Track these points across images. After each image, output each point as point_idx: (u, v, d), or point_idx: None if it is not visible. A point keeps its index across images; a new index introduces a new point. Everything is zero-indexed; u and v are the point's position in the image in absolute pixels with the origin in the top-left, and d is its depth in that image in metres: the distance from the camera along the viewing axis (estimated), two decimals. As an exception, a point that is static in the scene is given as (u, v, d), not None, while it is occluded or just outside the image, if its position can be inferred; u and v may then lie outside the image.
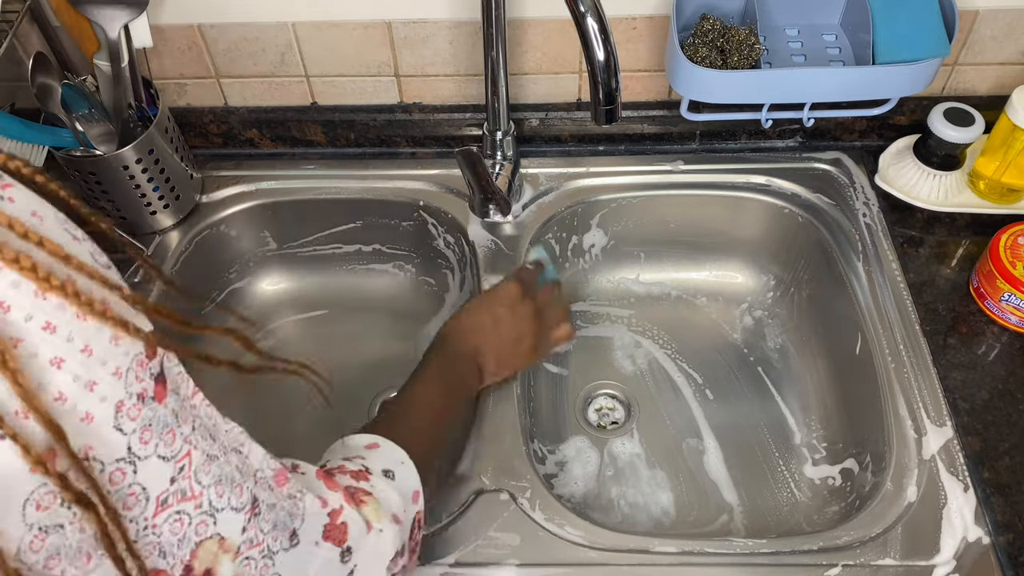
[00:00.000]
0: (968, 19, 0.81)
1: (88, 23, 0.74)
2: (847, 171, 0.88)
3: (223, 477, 0.41)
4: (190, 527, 0.39)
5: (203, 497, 0.40)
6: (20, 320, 0.32)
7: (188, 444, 0.39)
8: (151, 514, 0.37)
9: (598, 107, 0.59)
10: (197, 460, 0.39)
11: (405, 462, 0.57)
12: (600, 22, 0.56)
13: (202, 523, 0.40)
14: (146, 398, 0.36)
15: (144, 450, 0.36)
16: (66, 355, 0.33)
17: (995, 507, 0.64)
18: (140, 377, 0.36)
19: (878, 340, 0.75)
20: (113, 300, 0.36)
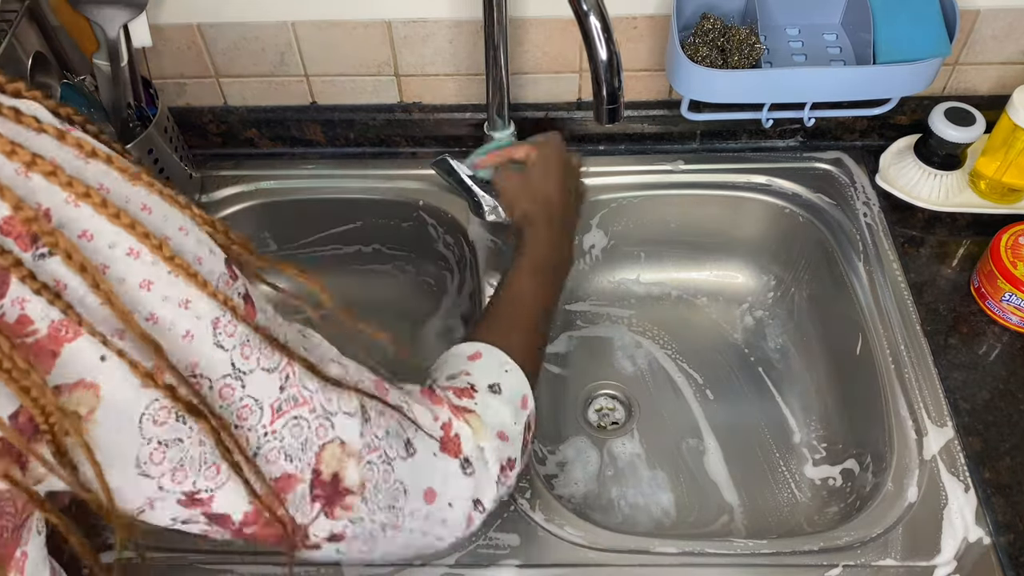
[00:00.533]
0: (969, 19, 0.80)
1: (87, 23, 0.74)
2: (848, 171, 0.88)
3: (326, 384, 0.42)
4: (310, 430, 0.40)
5: (314, 401, 0.40)
6: (104, 247, 0.33)
7: (286, 354, 0.39)
8: (268, 421, 0.38)
9: (601, 106, 0.59)
10: (298, 369, 0.40)
11: (510, 369, 0.56)
12: (603, 20, 0.55)
13: (321, 427, 0.41)
14: (239, 314, 0.37)
15: (247, 364, 0.37)
16: (153, 277, 0.34)
17: (996, 507, 0.63)
18: (229, 296, 0.37)
19: (879, 340, 0.75)
20: (188, 223, 0.37)
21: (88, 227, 0.33)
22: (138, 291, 0.34)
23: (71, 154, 0.34)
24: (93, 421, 0.33)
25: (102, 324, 0.33)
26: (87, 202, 0.33)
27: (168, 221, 0.36)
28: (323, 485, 0.41)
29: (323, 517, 0.42)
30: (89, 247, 0.33)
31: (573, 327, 0.92)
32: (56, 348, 0.32)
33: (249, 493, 0.38)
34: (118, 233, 0.33)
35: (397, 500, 0.45)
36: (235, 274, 0.39)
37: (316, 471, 0.41)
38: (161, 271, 0.34)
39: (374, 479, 0.43)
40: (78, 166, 0.34)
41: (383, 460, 0.44)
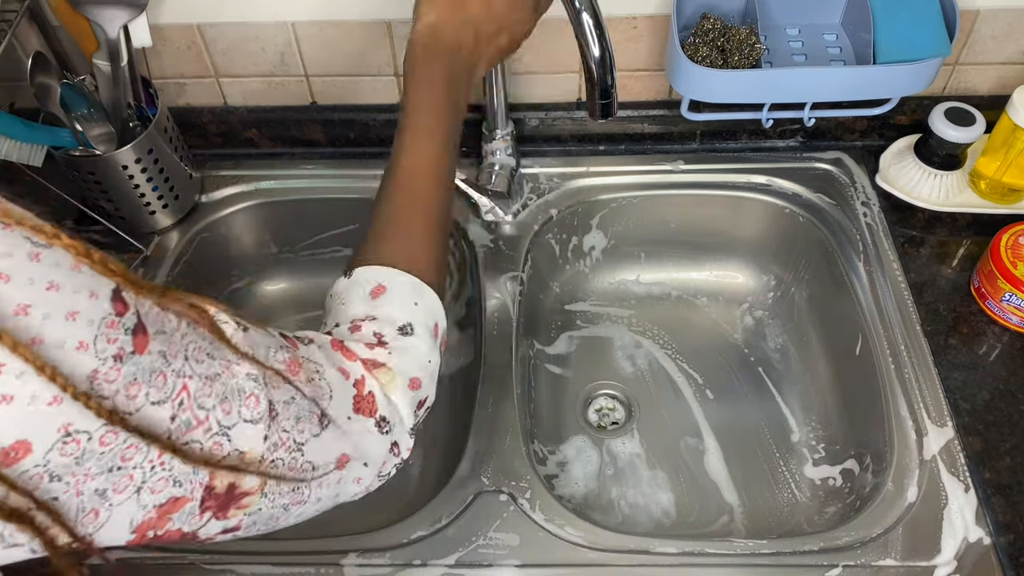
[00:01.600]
0: (969, 19, 0.80)
1: (87, 22, 0.74)
2: (848, 171, 0.88)
3: (229, 393, 0.39)
4: (203, 452, 0.38)
5: (210, 420, 0.38)
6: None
7: (182, 377, 0.37)
8: (156, 455, 0.36)
9: (594, 102, 0.59)
10: (195, 388, 0.38)
11: (420, 298, 0.51)
12: (595, 17, 0.56)
13: (216, 444, 0.39)
14: (124, 356, 0.34)
15: (132, 404, 0.35)
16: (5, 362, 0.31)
17: (996, 507, 0.63)
18: (113, 339, 0.34)
19: (879, 340, 0.75)
20: (60, 272, 0.33)
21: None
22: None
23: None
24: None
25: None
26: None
27: (33, 285, 0.32)
28: (216, 498, 0.40)
29: (213, 521, 0.41)
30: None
31: (573, 327, 0.92)
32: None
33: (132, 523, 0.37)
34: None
35: (304, 478, 0.44)
36: (125, 306, 0.35)
37: (208, 487, 0.39)
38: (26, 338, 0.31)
39: (277, 473, 0.42)
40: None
41: (290, 450, 0.42)
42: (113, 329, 0.34)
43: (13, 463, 0.31)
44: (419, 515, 0.65)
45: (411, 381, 0.50)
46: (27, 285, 0.32)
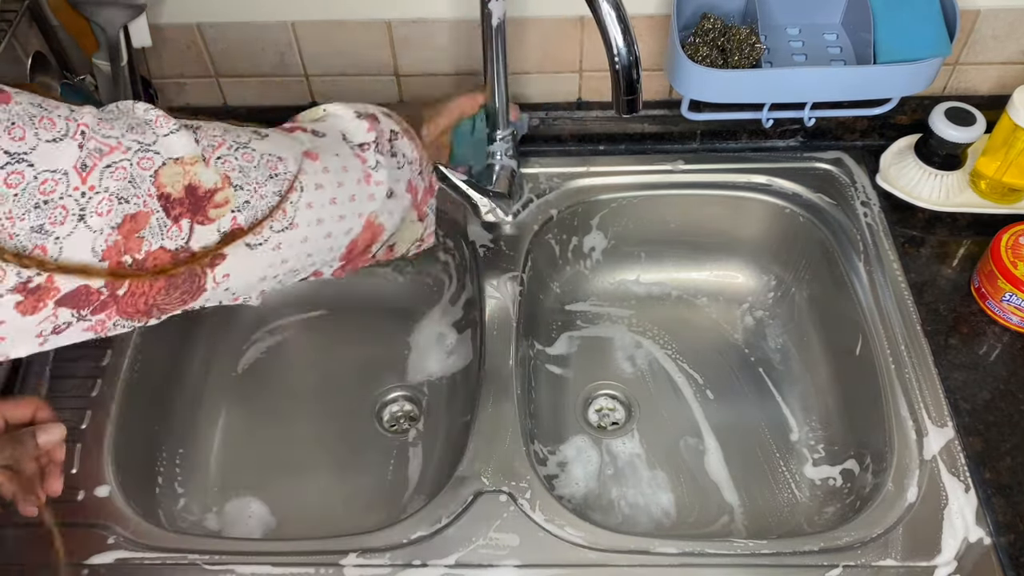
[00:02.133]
0: (969, 18, 0.80)
1: (87, 22, 0.74)
2: (848, 171, 0.88)
3: (135, 123, 0.42)
4: (133, 167, 0.40)
5: (125, 142, 0.40)
6: None
7: (74, 120, 0.39)
8: (79, 182, 0.38)
9: (620, 98, 0.59)
10: (92, 123, 0.40)
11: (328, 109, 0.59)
12: (618, 10, 0.55)
13: (144, 159, 0.41)
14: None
15: (23, 145, 0.37)
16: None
17: (996, 508, 0.63)
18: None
19: (879, 340, 0.75)
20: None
21: None
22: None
23: None
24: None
25: None
26: None
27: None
28: (179, 203, 0.42)
29: (199, 227, 0.43)
30: None
31: (573, 327, 0.92)
32: None
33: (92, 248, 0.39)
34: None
35: (277, 169, 0.47)
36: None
37: (162, 195, 0.41)
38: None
39: (235, 166, 0.45)
40: None
41: (234, 148, 0.45)
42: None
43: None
44: (419, 515, 0.65)
45: (354, 113, 0.56)
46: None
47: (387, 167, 0.56)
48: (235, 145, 0.46)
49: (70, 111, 0.40)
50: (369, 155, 0.56)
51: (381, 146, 0.56)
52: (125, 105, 0.45)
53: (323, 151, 0.53)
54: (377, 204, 0.56)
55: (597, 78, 0.86)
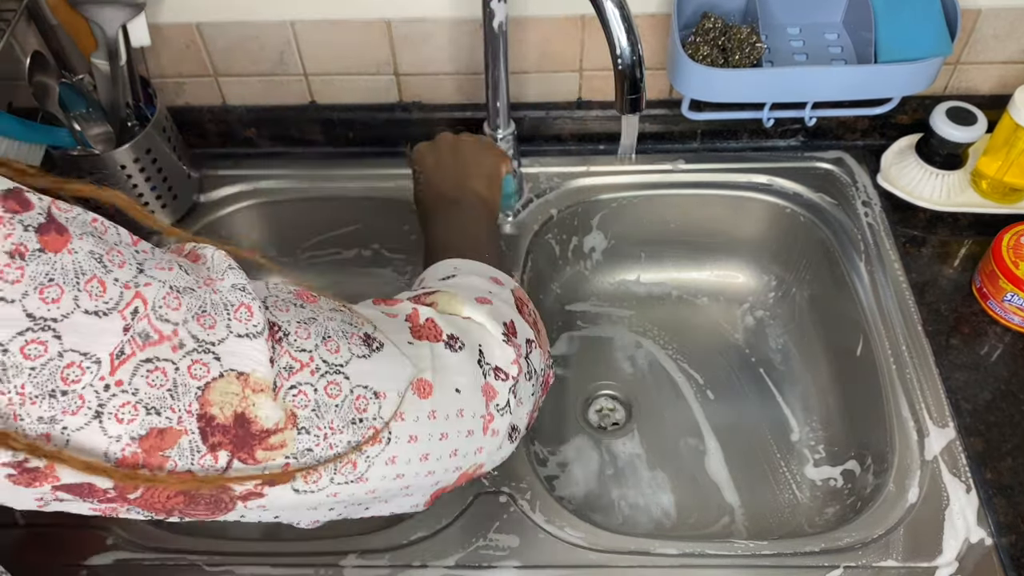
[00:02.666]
0: (970, 18, 0.80)
1: (86, 22, 0.74)
2: (849, 170, 0.87)
3: (209, 306, 0.34)
4: (178, 372, 0.32)
5: (181, 335, 0.32)
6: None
7: (132, 288, 0.32)
8: (107, 371, 0.31)
9: (623, 96, 0.58)
10: (154, 296, 0.32)
11: (460, 265, 0.50)
12: (622, 9, 0.55)
13: (196, 363, 0.33)
14: (27, 253, 0.29)
15: (55, 309, 0.30)
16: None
17: (998, 508, 0.63)
18: (7, 233, 0.29)
19: (880, 340, 0.75)
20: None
21: None
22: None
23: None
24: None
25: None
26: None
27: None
28: (222, 431, 0.33)
29: (240, 463, 0.34)
30: None
31: (573, 327, 0.91)
32: None
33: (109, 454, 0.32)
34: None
35: (365, 411, 0.37)
36: (23, 204, 0.30)
37: (204, 416, 0.33)
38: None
39: (310, 402, 0.35)
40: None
41: (322, 373, 0.36)
42: (4, 225, 0.29)
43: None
44: (419, 516, 0.65)
45: (476, 298, 0.45)
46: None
47: (515, 406, 0.46)
48: (323, 370, 0.36)
49: (137, 271, 0.32)
50: (501, 391, 0.44)
51: (519, 380, 0.46)
52: (217, 261, 0.36)
53: (442, 382, 0.41)
54: (483, 457, 0.46)
55: (598, 77, 0.86)
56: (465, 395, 0.42)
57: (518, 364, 0.45)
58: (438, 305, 0.44)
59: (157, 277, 0.33)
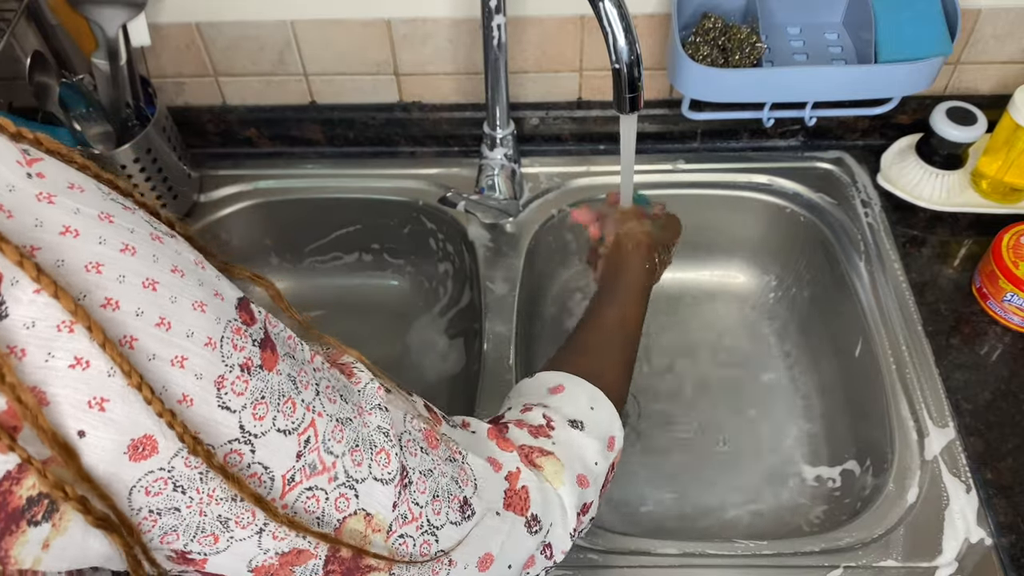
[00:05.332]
0: (970, 18, 0.80)
1: (86, 22, 0.74)
2: (849, 170, 0.87)
3: (360, 442, 0.36)
4: (327, 503, 0.35)
5: (337, 468, 0.35)
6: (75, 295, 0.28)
7: (311, 412, 0.34)
8: (278, 495, 0.33)
9: (622, 96, 0.58)
10: (324, 428, 0.34)
11: (598, 404, 0.50)
12: (620, 8, 0.55)
13: (342, 497, 0.35)
14: (252, 368, 0.32)
15: (260, 426, 0.32)
16: (137, 332, 0.29)
17: (997, 508, 0.63)
18: (240, 346, 0.31)
19: (880, 340, 0.75)
20: (183, 260, 0.32)
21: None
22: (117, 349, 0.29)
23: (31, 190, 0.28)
24: None
25: None
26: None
27: (159, 263, 0.30)
28: (340, 561, 0.36)
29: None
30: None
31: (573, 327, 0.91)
32: None
33: (251, 563, 0.34)
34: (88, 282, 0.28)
35: (439, 573, 0.40)
36: (252, 317, 0.33)
37: (335, 544, 0.36)
38: (147, 323, 0.29)
39: (407, 553, 0.38)
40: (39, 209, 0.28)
41: (423, 531, 0.38)
42: (240, 336, 0.32)
43: (141, 459, 0.29)
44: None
45: (579, 477, 0.46)
46: (151, 262, 0.30)
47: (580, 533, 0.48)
48: (425, 528, 0.38)
49: (315, 393, 0.35)
50: (539, 564, 0.46)
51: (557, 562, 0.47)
52: (369, 394, 0.38)
53: (502, 557, 0.43)
54: (537, 569, 0.47)
55: (597, 77, 0.86)
56: (513, 570, 0.44)
57: (565, 553, 0.47)
58: (544, 469, 0.45)
59: (327, 410, 0.35)
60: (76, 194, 0.29)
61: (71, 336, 0.27)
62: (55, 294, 0.27)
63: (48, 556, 0.29)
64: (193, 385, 0.30)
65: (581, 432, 0.48)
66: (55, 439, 0.27)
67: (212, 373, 0.30)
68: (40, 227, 0.28)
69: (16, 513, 0.27)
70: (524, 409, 0.49)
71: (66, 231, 0.28)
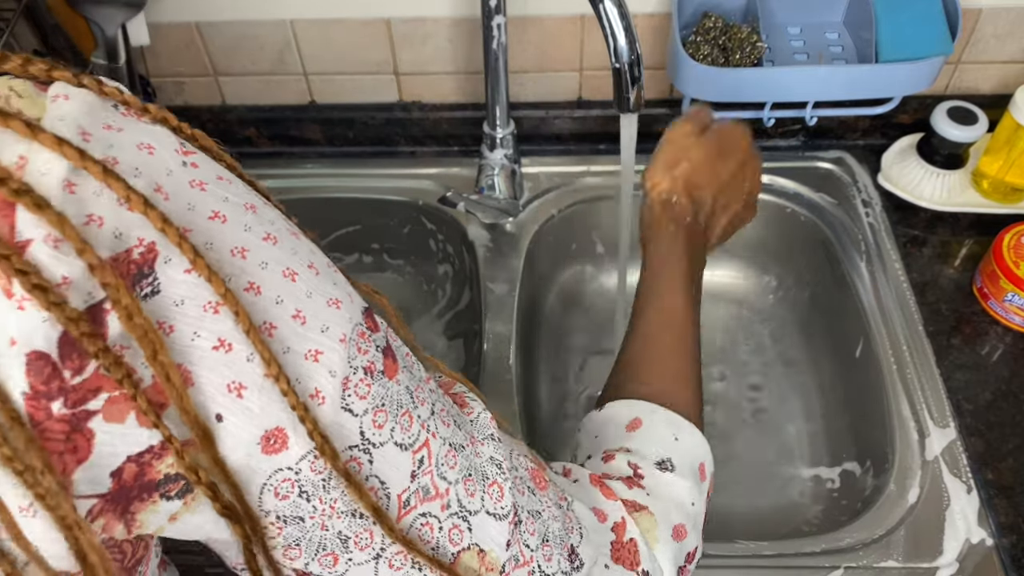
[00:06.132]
0: (971, 17, 0.80)
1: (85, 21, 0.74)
2: (850, 170, 0.87)
3: (472, 471, 0.34)
4: (441, 533, 0.33)
5: (451, 495, 0.33)
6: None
7: (426, 431, 0.33)
8: (395, 517, 0.32)
9: (622, 95, 0.58)
10: (438, 450, 0.33)
11: (680, 434, 0.46)
12: (620, 7, 0.55)
13: (455, 528, 0.34)
14: (375, 372, 0.31)
15: (379, 435, 0.31)
16: (276, 320, 0.29)
17: (998, 509, 0.63)
18: (364, 349, 0.31)
19: (881, 341, 0.74)
20: (317, 257, 0.32)
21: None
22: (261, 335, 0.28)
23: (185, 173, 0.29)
24: None
25: None
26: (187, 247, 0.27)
27: (297, 256, 0.30)
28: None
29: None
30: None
31: (573, 327, 0.91)
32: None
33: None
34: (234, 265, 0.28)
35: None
36: (375, 324, 0.32)
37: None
38: (285, 314, 0.29)
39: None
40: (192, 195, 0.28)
41: (534, 574, 0.36)
42: (365, 340, 0.31)
43: (272, 452, 0.29)
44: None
45: (674, 529, 0.43)
46: (291, 254, 0.30)
47: None
48: (537, 574, 0.36)
49: (430, 411, 0.33)
50: None
51: None
52: (482, 423, 0.37)
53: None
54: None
55: (597, 77, 0.86)
56: None
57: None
58: (641, 524, 0.42)
59: (440, 432, 0.34)
60: (224, 184, 0.30)
61: (216, 317, 0.27)
62: (208, 276, 0.27)
63: (172, 527, 0.29)
64: (326, 382, 0.29)
65: (672, 474, 0.45)
66: (196, 422, 0.27)
67: (341, 372, 0.30)
68: (192, 211, 0.28)
69: (151, 485, 0.28)
70: (606, 458, 0.46)
71: (215, 216, 0.29)
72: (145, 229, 0.26)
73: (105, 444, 0.26)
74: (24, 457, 0.24)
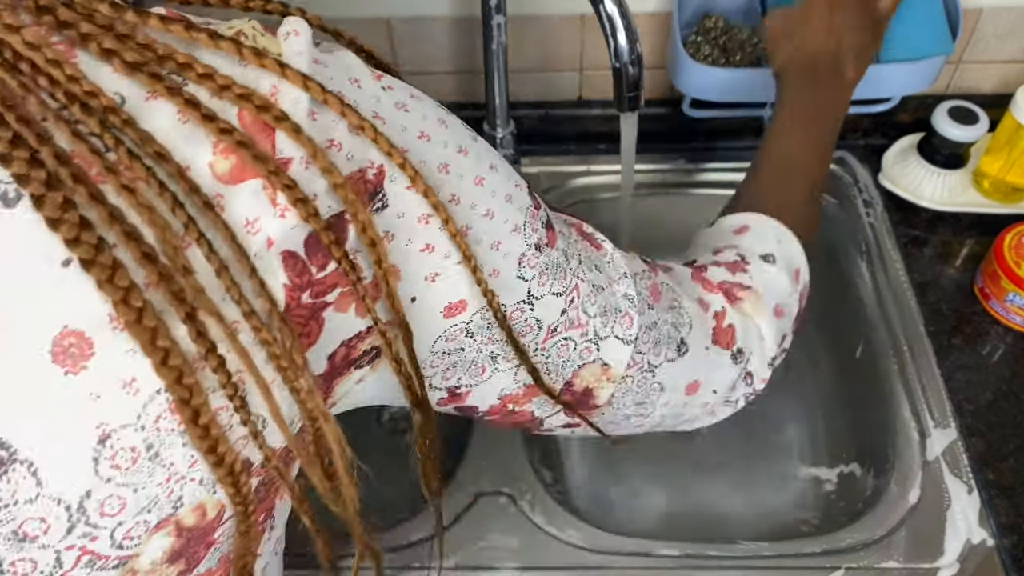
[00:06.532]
0: (972, 17, 0.80)
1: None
2: (850, 170, 0.87)
3: (608, 307, 0.41)
4: (575, 351, 0.41)
5: (588, 326, 0.41)
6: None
7: (576, 278, 0.40)
8: (541, 339, 0.39)
9: (622, 95, 0.58)
10: (584, 291, 0.40)
11: (783, 238, 0.54)
12: (620, 7, 0.55)
13: (587, 349, 0.41)
14: (542, 246, 0.38)
15: (541, 291, 0.38)
16: (471, 222, 0.34)
17: (999, 509, 0.63)
18: (534, 227, 0.37)
19: (881, 341, 0.74)
20: (495, 157, 0.37)
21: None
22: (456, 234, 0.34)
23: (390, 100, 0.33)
24: None
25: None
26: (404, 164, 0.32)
27: (481, 161, 0.36)
28: (572, 394, 0.42)
29: (560, 415, 0.43)
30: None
31: (573, 327, 0.91)
32: None
33: (502, 391, 0.40)
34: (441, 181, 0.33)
35: (649, 397, 0.45)
36: (538, 203, 0.39)
37: (568, 383, 0.41)
38: (477, 214, 0.35)
39: (626, 389, 0.44)
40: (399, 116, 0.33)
41: (643, 370, 0.44)
42: (534, 220, 0.37)
43: (451, 315, 0.35)
44: (419, 518, 0.65)
45: (775, 308, 0.51)
46: (477, 161, 0.35)
47: None
48: (644, 368, 0.44)
49: (579, 262, 0.40)
50: (739, 390, 0.52)
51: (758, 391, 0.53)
52: (616, 263, 0.43)
53: (707, 382, 0.49)
54: (737, 394, 0.54)
55: (598, 76, 0.86)
56: (718, 395, 0.50)
57: (764, 381, 0.52)
58: (744, 302, 0.49)
59: (587, 277, 0.40)
60: (416, 102, 0.34)
61: (426, 227, 0.32)
62: (424, 192, 0.31)
63: (357, 389, 0.35)
64: (502, 262, 0.36)
65: (773, 266, 0.52)
66: (398, 309, 0.32)
67: (516, 252, 0.36)
68: (405, 132, 0.32)
69: (352, 361, 0.33)
70: (715, 251, 0.53)
71: (421, 135, 0.33)
72: (373, 152, 0.30)
73: (331, 331, 0.31)
74: (279, 339, 0.28)
